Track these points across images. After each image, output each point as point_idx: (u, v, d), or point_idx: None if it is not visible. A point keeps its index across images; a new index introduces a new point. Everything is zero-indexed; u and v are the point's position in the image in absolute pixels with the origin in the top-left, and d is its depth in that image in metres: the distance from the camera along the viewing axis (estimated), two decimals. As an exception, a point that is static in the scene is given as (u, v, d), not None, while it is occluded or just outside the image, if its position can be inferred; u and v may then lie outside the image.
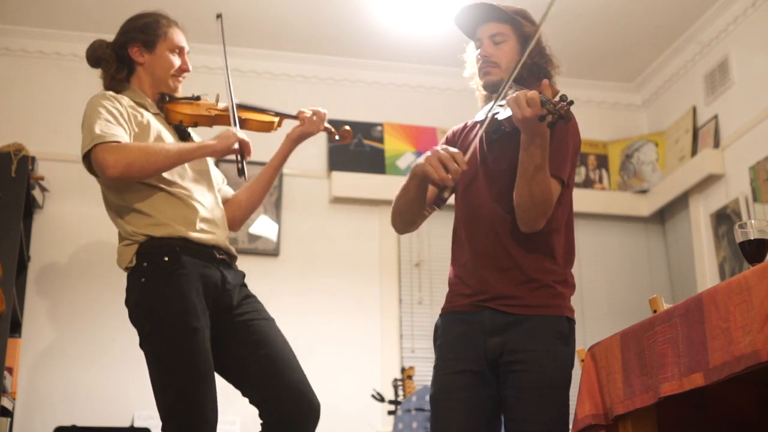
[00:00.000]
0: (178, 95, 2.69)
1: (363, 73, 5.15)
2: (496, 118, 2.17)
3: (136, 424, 4.11)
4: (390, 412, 4.12)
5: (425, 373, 4.66)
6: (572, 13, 4.61)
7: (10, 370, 3.82)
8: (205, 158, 2.64)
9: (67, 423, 4.06)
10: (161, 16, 2.67)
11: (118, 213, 2.51)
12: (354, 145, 4.95)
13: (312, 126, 2.76)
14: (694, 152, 4.84)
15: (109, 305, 4.44)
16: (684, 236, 4.97)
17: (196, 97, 2.71)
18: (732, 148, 4.56)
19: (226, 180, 2.86)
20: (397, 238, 4.87)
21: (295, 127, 2.78)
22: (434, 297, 4.84)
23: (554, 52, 2.41)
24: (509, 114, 2.08)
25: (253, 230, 4.69)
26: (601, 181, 5.28)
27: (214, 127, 2.76)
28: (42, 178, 4.37)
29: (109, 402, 4.26)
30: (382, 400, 4.23)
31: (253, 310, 2.54)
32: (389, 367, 4.65)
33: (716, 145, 4.67)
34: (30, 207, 4.33)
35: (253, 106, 2.79)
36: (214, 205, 2.60)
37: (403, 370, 4.27)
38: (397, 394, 4.18)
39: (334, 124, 2.88)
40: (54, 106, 4.70)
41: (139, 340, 2.44)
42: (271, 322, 2.56)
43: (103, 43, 2.68)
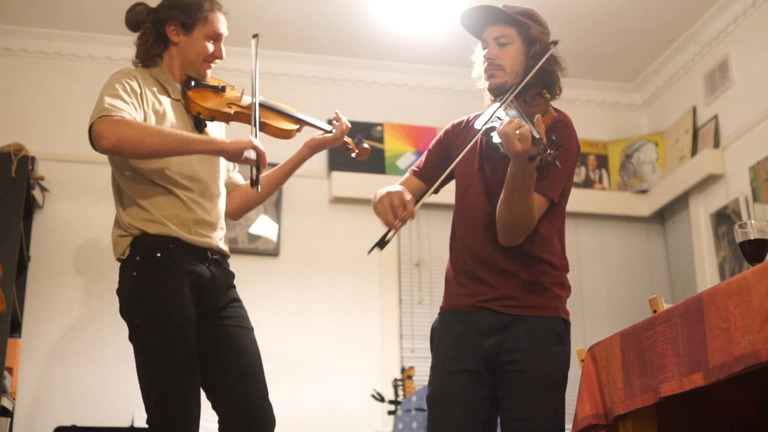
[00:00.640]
0: (206, 81, 2.64)
1: (363, 73, 5.15)
2: (491, 136, 2.16)
3: (136, 424, 4.11)
4: (390, 412, 4.12)
5: (425, 373, 4.63)
6: (572, 13, 4.61)
7: (10, 370, 3.82)
8: (220, 159, 2.61)
9: (67, 423, 4.06)
10: None
11: (120, 200, 2.51)
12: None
13: (337, 141, 2.75)
14: (694, 152, 4.84)
15: (109, 305, 4.41)
16: (684, 236, 4.97)
17: (222, 88, 2.64)
18: (732, 148, 4.56)
19: (237, 167, 2.82)
20: (397, 238, 4.87)
21: (319, 135, 2.76)
22: (434, 297, 4.84)
23: (557, 51, 2.39)
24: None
25: (253, 230, 4.69)
26: (601, 181, 5.28)
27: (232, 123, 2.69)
28: (42, 178, 4.37)
29: (109, 402, 4.26)
30: (382, 400, 4.23)
31: (236, 316, 2.54)
32: (389, 367, 4.65)
33: (716, 145, 4.67)
34: (30, 207, 4.33)
35: (277, 108, 2.72)
36: (215, 206, 2.58)
37: (403, 370, 4.27)
38: (397, 394, 4.18)
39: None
40: (54, 106, 4.70)
41: (128, 333, 2.46)
42: (249, 332, 2.56)
43: (144, 9, 2.61)
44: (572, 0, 4.52)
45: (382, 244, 2.17)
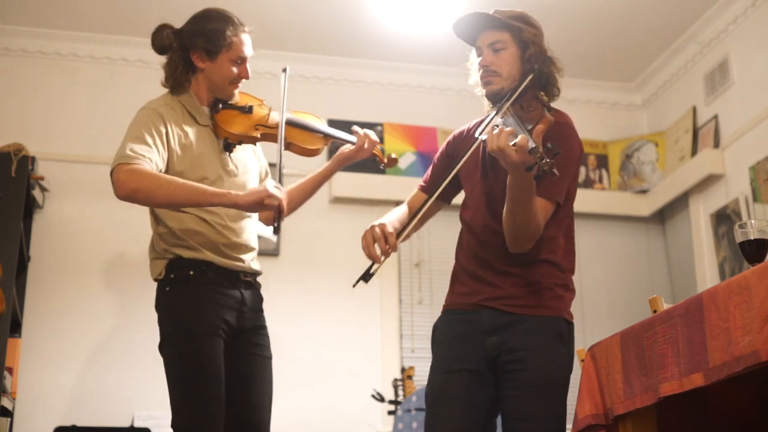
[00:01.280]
0: (233, 102, 2.68)
1: (363, 73, 5.15)
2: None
3: (136, 424, 4.11)
4: (390, 412, 4.13)
5: (425, 373, 4.64)
6: (572, 13, 4.61)
7: (10, 370, 3.82)
8: (247, 170, 2.67)
9: (67, 423, 4.07)
10: (229, 22, 2.61)
11: (157, 226, 2.59)
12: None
13: (363, 152, 2.77)
14: (694, 152, 4.84)
15: (110, 305, 4.45)
16: (684, 236, 4.97)
17: (249, 108, 2.68)
18: (732, 148, 4.56)
19: (270, 174, 2.86)
20: (397, 238, 4.86)
21: (346, 148, 2.78)
22: (434, 297, 4.84)
23: (555, 52, 2.38)
24: None
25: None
26: (601, 181, 5.28)
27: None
28: (42, 178, 4.37)
29: (109, 402, 4.26)
30: (382, 400, 4.23)
31: (259, 344, 2.62)
32: (389, 367, 4.65)
33: (716, 145, 4.67)
34: (30, 207, 4.33)
35: (304, 124, 2.73)
36: (245, 228, 2.65)
37: (403, 370, 4.27)
38: (397, 394, 4.18)
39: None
40: (54, 106, 4.70)
41: (159, 343, 2.54)
42: (267, 361, 2.64)
43: (170, 34, 2.63)
44: (572, 0, 4.52)
45: (366, 277, 2.22)
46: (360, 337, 4.69)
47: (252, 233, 2.70)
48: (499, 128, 2.03)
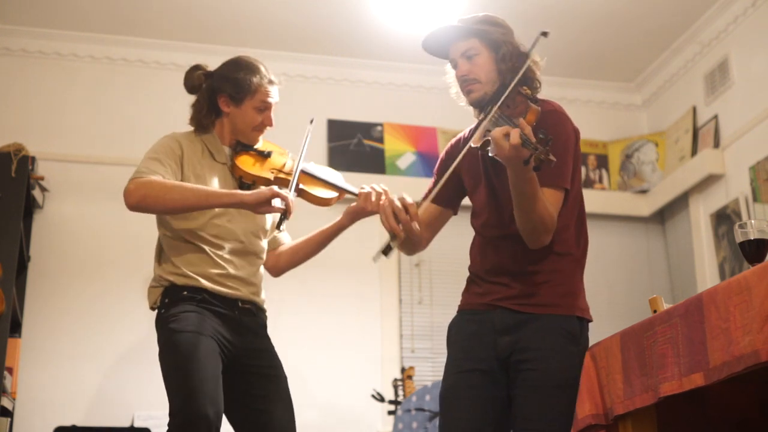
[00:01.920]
0: (255, 146, 2.75)
1: (363, 73, 5.15)
2: (488, 150, 2.16)
3: (136, 424, 4.11)
4: (390, 412, 4.13)
5: (425, 373, 4.67)
6: (572, 13, 4.61)
7: (10, 370, 3.82)
8: (264, 218, 2.72)
9: (67, 423, 4.06)
10: (257, 72, 2.68)
11: (159, 256, 2.65)
12: (354, 145, 4.95)
13: (372, 205, 2.81)
14: (694, 152, 4.84)
15: (109, 305, 4.45)
16: (684, 236, 4.97)
17: (268, 153, 2.75)
18: (732, 148, 4.56)
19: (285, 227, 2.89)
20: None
21: (355, 204, 2.84)
22: (434, 297, 4.84)
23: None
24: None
25: (253, 230, 4.69)
26: (601, 181, 5.28)
27: None
28: (42, 178, 4.37)
29: (109, 402, 4.26)
30: (382, 400, 4.23)
31: (272, 365, 2.66)
32: (389, 367, 4.65)
33: (716, 145, 4.67)
34: (30, 207, 4.33)
35: (319, 177, 2.80)
36: (250, 264, 2.69)
37: (403, 370, 4.27)
38: (397, 394, 4.18)
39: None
40: (54, 106, 4.71)
41: (158, 352, 2.56)
42: (284, 381, 2.67)
43: (201, 75, 2.73)
44: (572, 0, 4.52)
45: (387, 250, 2.22)
46: (360, 337, 4.69)
47: (258, 274, 2.73)
48: (497, 134, 2.03)
